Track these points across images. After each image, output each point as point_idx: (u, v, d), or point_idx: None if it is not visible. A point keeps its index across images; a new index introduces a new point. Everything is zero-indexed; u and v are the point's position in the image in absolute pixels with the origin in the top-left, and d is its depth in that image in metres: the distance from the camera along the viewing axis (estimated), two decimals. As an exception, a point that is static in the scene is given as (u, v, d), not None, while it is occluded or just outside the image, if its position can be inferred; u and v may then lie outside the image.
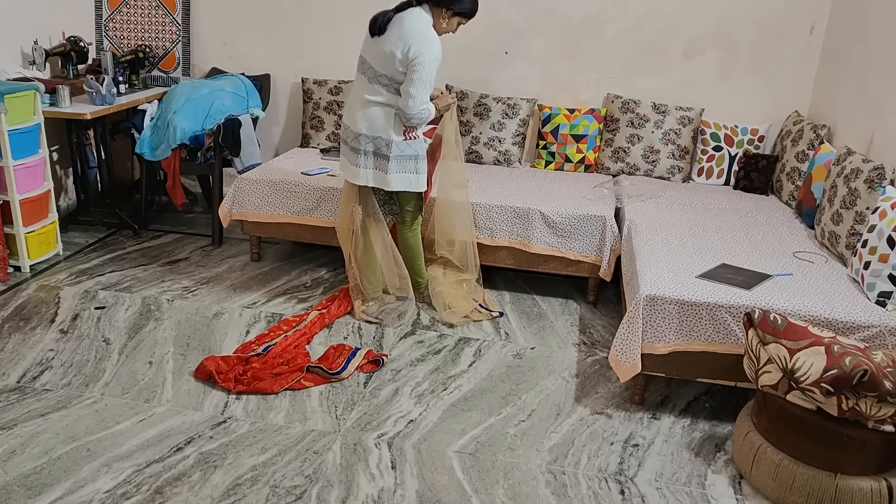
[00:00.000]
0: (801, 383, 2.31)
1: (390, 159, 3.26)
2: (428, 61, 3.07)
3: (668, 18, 4.44)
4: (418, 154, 3.32)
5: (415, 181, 3.36)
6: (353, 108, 3.29)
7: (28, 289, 3.72)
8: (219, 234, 4.42)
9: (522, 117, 4.52)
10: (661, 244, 3.29)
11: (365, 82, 3.24)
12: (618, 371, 2.86)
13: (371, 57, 3.20)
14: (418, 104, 3.12)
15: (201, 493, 2.35)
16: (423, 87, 3.11)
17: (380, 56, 3.15)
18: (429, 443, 2.66)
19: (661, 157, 4.38)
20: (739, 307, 2.74)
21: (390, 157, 3.25)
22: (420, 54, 3.05)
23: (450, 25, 3.23)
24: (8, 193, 3.73)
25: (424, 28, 3.11)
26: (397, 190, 3.37)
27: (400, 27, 3.11)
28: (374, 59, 3.19)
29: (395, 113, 3.21)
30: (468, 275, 3.70)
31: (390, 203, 3.56)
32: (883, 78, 3.52)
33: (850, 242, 3.13)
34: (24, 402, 2.78)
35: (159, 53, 4.94)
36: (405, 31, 3.09)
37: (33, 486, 2.34)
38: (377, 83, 3.19)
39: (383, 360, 3.17)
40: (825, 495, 2.34)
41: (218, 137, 4.26)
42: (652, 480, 2.53)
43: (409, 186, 3.36)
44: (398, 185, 3.33)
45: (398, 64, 3.11)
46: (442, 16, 3.18)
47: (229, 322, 3.47)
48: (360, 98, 3.26)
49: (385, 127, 3.23)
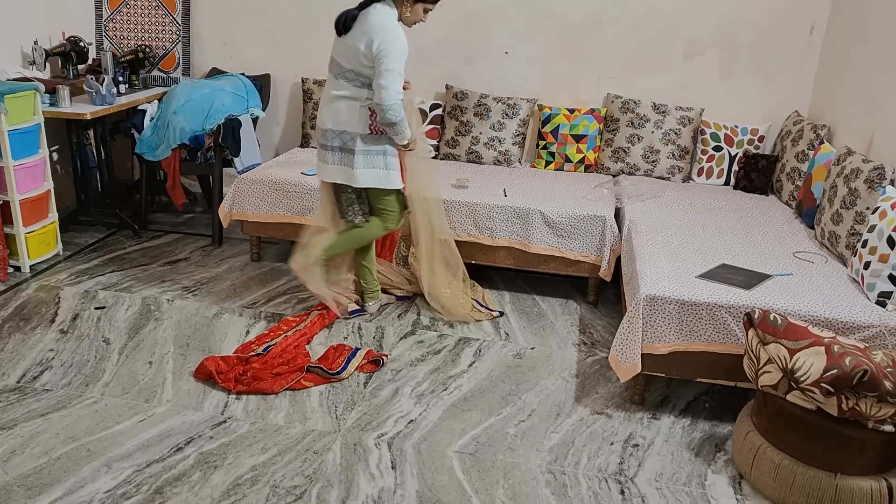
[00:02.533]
0: (801, 383, 2.31)
1: (356, 153, 3.23)
2: (393, 52, 3.06)
3: (668, 18, 4.44)
4: (387, 149, 3.27)
5: (385, 177, 3.29)
6: (322, 106, 3.31)
7: (28, 289, 3.72)
8: (219, 234, 4.42)
9: (522, 117, 4.52)
10: (661, 244, 3.29)
11: (332, 79, 3.26)
12: (618, 371, 2.86)
13: (338, 55, 3.22)
14: (392, 95, 3.08)
15: (201, 494, 2.35)
16: (394, 78, 3.08)
17: (346, 52, 3.17)
18: (429, 443, 2.66)
19: (661, 157, 4.38)
20: (739, 307, 2.74)
21: (356, 152, 3.23)
22: (384, 46, 3.06)
23: (415, 14, 3.21)
24: (8, 193, 3.73)
25: (386, 21, 3.10)
26: (366, 187, 3.31)
27: (363, 23, 3.12)
28: (340, 56, 3.20)
29: (360, 106, 3.20)
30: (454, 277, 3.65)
31: (360, 202, 3.43)
32: (883, 78, 3.52)
33: (850, 242, 3.13)
34: (24, 402, 2.78)
35: (159, 53, 4.94)
36: (368, 26, 3.10)
37: (33, 486, 2.34)
38: (343, 78, 3.21)
39: (383, 360, 3.17)
40: (825, 495, 2.34)
41: (218, 137, 4.26)
42: (652, 480, 2.53)
43: (378, 183, 3.29)
44: (367, 182, 3.28)
45: (363, 58, 3.12)
46: (405, 5, 3.18)
47: (229, 322, 3.47)
48: (327, 95, 3.28)
49: (349, 120, 3.22)
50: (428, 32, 4.65)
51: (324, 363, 3.08)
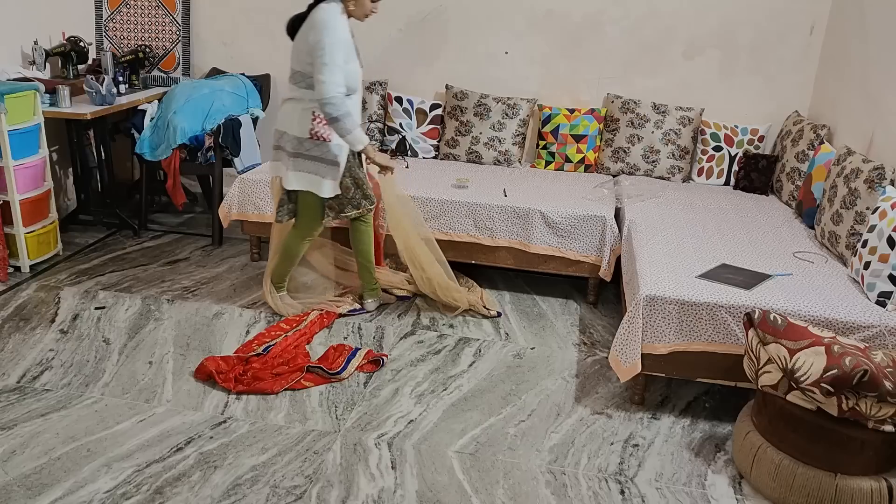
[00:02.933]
0: (801, 383, 2.31)
1: (290, 155, 3.25)
2: (327, 44, 3.04)
3: (668, 18, 4.44)
4: (324, 157, 3.21)
5: (315, 183, 3.26)
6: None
7: (28, 289, 3.72)
8: (219, 234, 4.42)
9: (522, 117, 4.52)
10: (661, 244, 3.29)
11: (287, 84, 3.29)
12: (618, 371, 2.86)
13: (291, 58, 3.23)
14: (329, 88, 3.05)
15: (201, 494, 2.35)
16: (330, 71, 3.05)
17: (295, 54, 3.20)
18: (429, 443, 2.66)
19: (661, 157, 4.38)
20: (739, 307, 2.74)
21: (290, 153, 3.25)
22: (318, 40, 3.06)
23: (361, 6, 3.18)
24: (8, 193, 3.73)
25: (325, 16, 3.09)
26: (294, 188, 3.30)
27: (307, 22, 3.14)
28: (292, 59, 3.22)
29: (301, 108, 3.20)
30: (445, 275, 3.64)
31: (290, 203, 3.41)
32: (883, 78, 3.52)
33: (850, 242, 3.12)
34: (24, 402, 2.78)
35: (159, 53, 4.94)
36: (309, 25, 3.12)
37: (33, 486, 2.34)
38: (292, 81, 3.24)
39: (383, 360, 3.17)
40: (825, 495, 2.34)
41: (218, 137, 4.26)
42: (652, 480, 2.53)
43: (307, 186, 3.27)
44: (295, 184, 3.28)
45: (305, 55, 3.13)
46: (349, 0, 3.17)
47: (229, 322, 3.47)
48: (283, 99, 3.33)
49: (289, 121, 3.24)
50: (428, 32, 4.66)
51: (324, 363, 3.08)
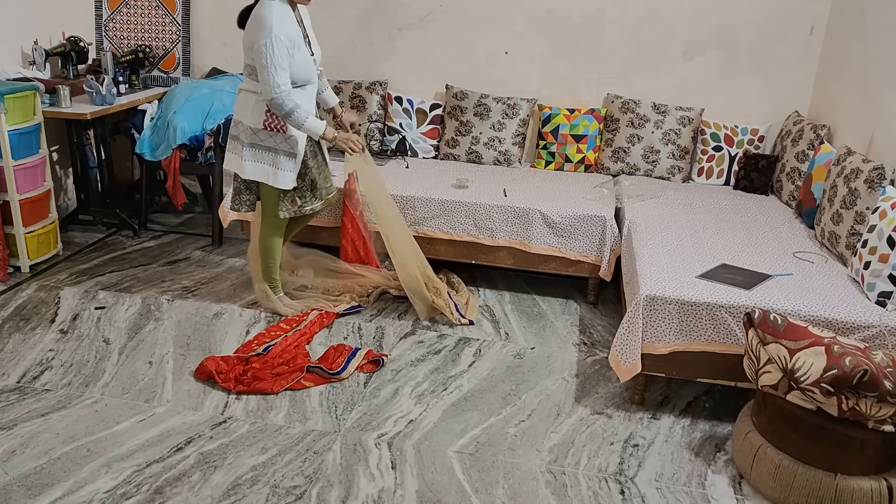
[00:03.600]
0: (801, 383, 2.31)
1: (245, 145, 3.27)
2: (263, 44, 3.03)
3: (668, 18, 4.44)
4: (279, 148, 3.24)
5: (272, 175, 3.28)
6: None
7: (28, 289, 3.72)
8: (219, 234, 4.42)
9: (522, 117, 4.52)
10: (661, 244, 3.29)
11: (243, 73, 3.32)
12: (618, 371, 2.86)
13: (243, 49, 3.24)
14: (271, 89, 3.06)
15: (201, 494, 2.35)
16: (271, 72, 3.04)
17: (244, 48, 3.20)
18: (429, 443, 2.66)
19: (661, 157, 4.38)
20: (739, 307, 2.74)
21: (245, 144, 3.27)
22: (254, 41, 3.06)
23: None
24: (8, 193, 3.73)
25: (260, 13, 3.07)
26: (252, 179, 3.32)
27: (250, 18, 3.14)
28: (243, 51, 3.22)
29: (255, 100, 3.21)
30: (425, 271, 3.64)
31: (247, 193, 3.44)
32: (883, 78, 3.52)
33: (850, 242, 3.12)
34: (24, 402, 2.78)
35: (159, 53, 4.93)
36: (250, 21, 3.12)
37: (33, 486, 2.34)
38: (245, 73, 3.27)
39: (383, 360, 3.17)
40: (825, 495, 2.34)
41: (218, 137, 4.26)
42: (652, 480, 2.53)
43: (265, 179, 3.29)
44: (252, 174, 3.29)
45: (250, 52, 3.14)
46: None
47: (229, 322, 3.47)
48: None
49: (244, 111, 3.26)
50: (428, 32, 4.66)
51: (324, 363, 3.08)
